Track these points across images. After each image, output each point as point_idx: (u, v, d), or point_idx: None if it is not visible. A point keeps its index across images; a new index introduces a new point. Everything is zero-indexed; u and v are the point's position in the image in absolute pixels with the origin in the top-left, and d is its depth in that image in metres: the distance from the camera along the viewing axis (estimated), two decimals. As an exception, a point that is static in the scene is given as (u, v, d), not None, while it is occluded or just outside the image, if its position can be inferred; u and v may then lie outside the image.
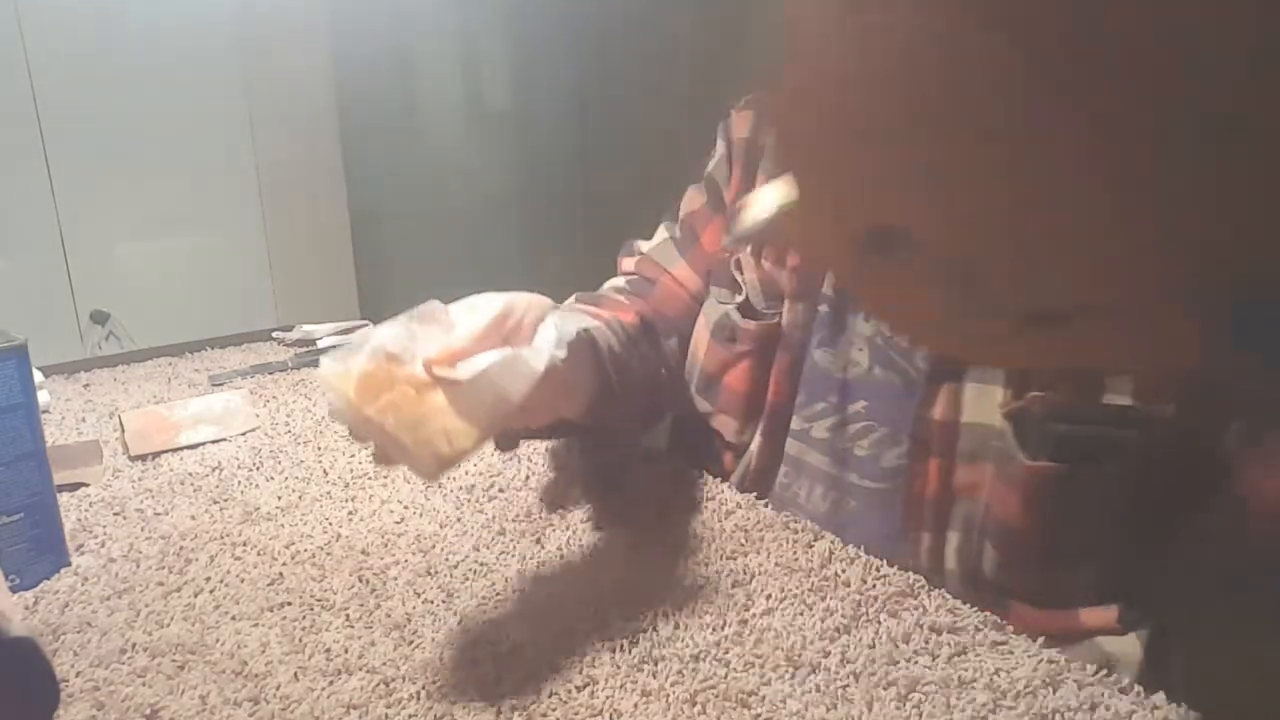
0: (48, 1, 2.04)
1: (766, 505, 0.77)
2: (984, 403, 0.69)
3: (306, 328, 1.33)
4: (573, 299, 0.88)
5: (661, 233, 0.92)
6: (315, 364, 1.23)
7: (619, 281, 0.91)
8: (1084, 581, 0.70)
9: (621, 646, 0.58)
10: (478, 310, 0.58)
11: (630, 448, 0.88)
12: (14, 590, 0.67)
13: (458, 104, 2.30)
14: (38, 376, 0.94)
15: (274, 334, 1.37)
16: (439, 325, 0.57)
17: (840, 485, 0.77)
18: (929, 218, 0.48)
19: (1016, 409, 0.67)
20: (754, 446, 0.82)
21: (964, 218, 0.47)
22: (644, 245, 0.92)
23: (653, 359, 0.82)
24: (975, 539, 0.70)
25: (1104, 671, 0.55)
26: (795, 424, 0.79)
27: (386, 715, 0.53)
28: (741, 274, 0.82)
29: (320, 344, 1.30)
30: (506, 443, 0.66)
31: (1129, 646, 0.68)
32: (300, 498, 0.82)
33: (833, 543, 0.70)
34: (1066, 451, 0.65)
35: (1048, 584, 0.70)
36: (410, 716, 0.53)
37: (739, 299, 0.82)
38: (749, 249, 0.82)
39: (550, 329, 0.60)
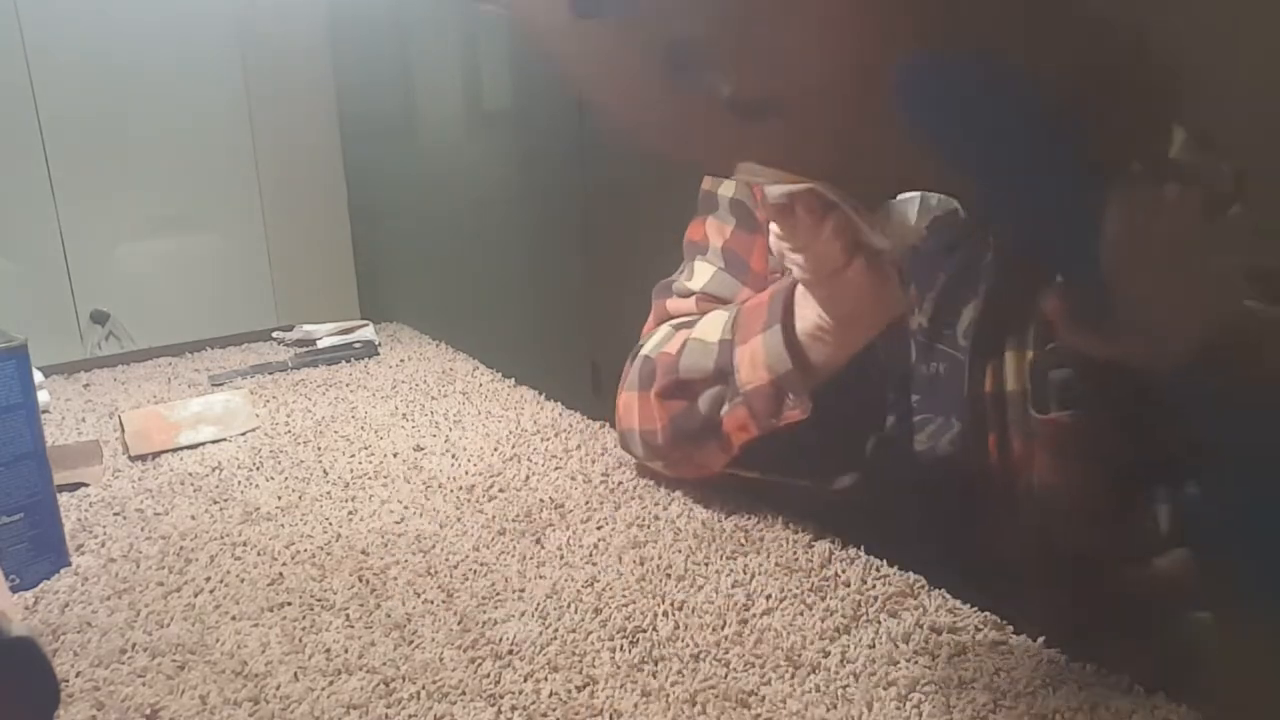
0: (48, 1, 2.04)
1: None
2: (1022, 367, 0.69)
3: (306, 328, 1.33)
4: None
5: (704, 267, 0.84)
6: (315, 364, 1.23)
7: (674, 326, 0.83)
8: (1131, 534, 0.69)
9: (621, 646, 0.58)
10: None
11: None
12: (14, 590, 0.67)
13: (458, 104, 2.30)
14: (38, 376, 0.93)
15: (274, 334, 1.37)
16: None
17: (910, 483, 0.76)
18: None
19: (1030, 365, 0.67)
20: None
21: None
22: (688, 283, 0.85)
23: None
24: (1034, 505, 0.70)
25: (1104, 671, 0.55)
26: None
27: (386, 715, 0.53)
28: None
29: (320, 344, 1.30)
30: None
31: None
32: (300, 498, 0.82)
33: (832, 543, 0.70)
34: (1071, 400, 0.65)
35: (1095, 539, 0.70)
36: (410, 716, 0.53)
37: None
38: None
39: None
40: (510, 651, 0.58)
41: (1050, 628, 0.61)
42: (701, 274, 0.84)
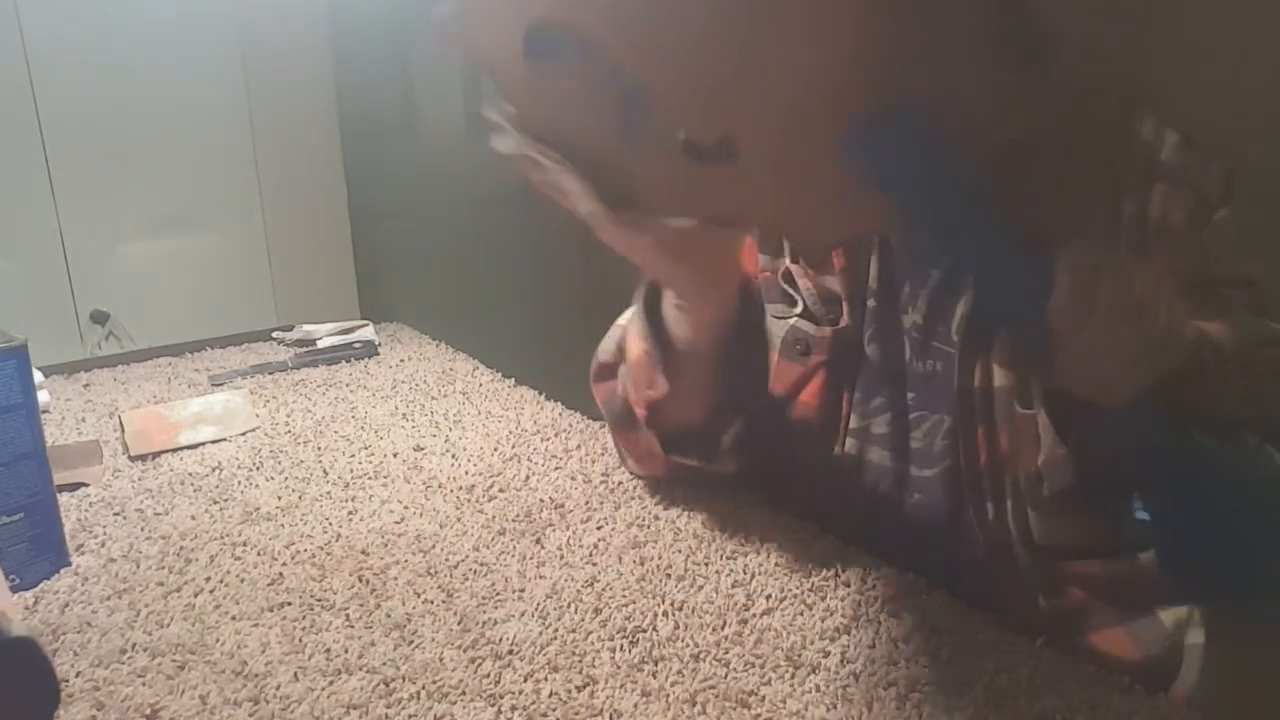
0: (48, 2, 2.04)
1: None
2: None
3: (306, 328, 1.33)
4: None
5: None
6: (315, 364, 1.23)
7: None
8: (1124, 530, 0.70)
9: (621, 646, 0.58)
10: None
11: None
12: (14, 590, 0.67)
13: (457, 104, 2.30)
14: (38, 376, 0.94)
15: (274, 334, 1.37)
16: None
17: (903, 479, 0.77)
18: (601, 17, 0.46)
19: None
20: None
21: (637, 24, 0.46)
22: None
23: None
24: (1022, 501, 0.71)
25: (1104, 671, 0.55)
26: (854, 422, 0.78)
27: (386, 715, 0.53)
28: (794, 285, 0.80)
29: (320, 344, 1.30)
30: None
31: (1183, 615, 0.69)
32: (300, 498, 0.82)
33: (832, 543, 0.70)
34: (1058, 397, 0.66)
35: (1088, 536, 0.70)
36: (410, 716, 0.53)
37: (797, 311, 0.80)
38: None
39: None
40: (510, 651, 0.58)
41: (1041, 622, 0.61)
42: None
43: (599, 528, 0.74)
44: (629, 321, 0.75)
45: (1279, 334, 0.67)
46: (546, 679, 0.55)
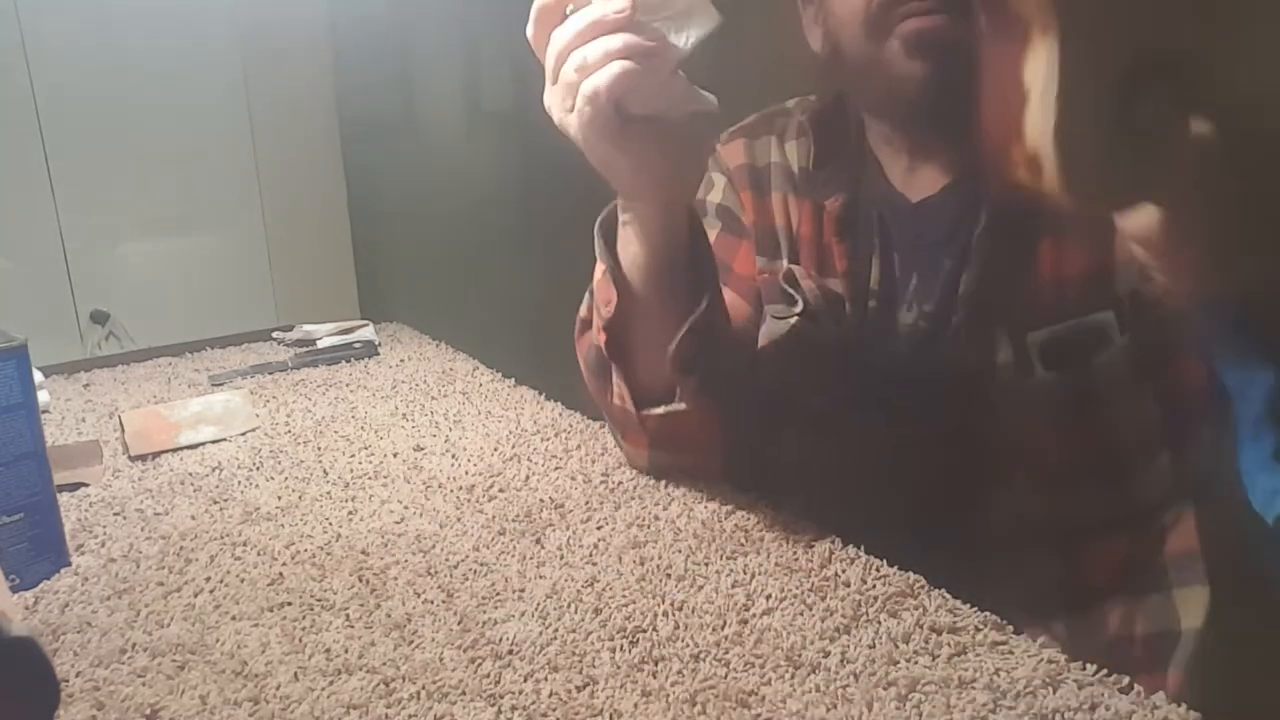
0: (48, 2, 2.04)
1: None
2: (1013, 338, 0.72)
3: (306, 328, 1.33)
4: None
5: None
6: (315, 364, 1.23)
7: None
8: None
9: (621, 646, 0.58)
10: None
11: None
12: (14, 590, 0.67)
13: (458, 104, 2.30)
14: (38, 376, 0.94)
15: (274, 334, 1.37)
16: None
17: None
18: None
19: (1011, 330, 0.71)
20: None
21: None
22: None
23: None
24: (1036, 481, 0.73)
25: (1104, 671, 0.55)
26: None
27: (386, 715, 0.53)
28: (797, 286, 0.81)
29: (320, 344, 1.30)
30: None
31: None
32: (300, 498, 0.82)
33: (832, 543, 0.70)
34: (1054, 361, 0.68)
35: (1090, 506, 0.71)
36: (410, 716, 0.53)
37: (797, 310, 0.80)
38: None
39: None
40: (510, 651, 0.58)
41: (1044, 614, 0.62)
42: None
43: (599, 528, 0.74)
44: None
45: None
46: (546, 679, 0.55)
